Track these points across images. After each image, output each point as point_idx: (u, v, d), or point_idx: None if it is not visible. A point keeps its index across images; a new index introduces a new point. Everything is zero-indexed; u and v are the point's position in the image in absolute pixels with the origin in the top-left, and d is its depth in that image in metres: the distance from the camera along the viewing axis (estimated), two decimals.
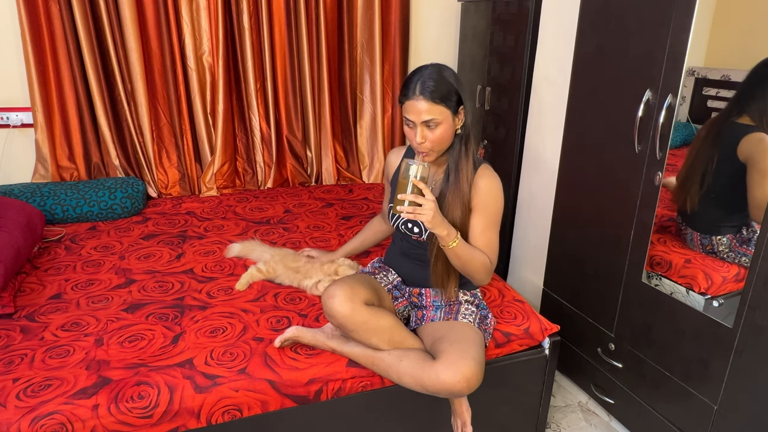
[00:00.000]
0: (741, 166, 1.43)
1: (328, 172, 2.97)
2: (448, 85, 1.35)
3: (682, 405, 1.57)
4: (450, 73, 1.38)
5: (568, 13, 1.87)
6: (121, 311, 1.61)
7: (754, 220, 1.44)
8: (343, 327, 1.38)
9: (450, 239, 1.34)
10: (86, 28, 2.34)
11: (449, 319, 1.47)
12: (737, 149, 1.44)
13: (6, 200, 1.98)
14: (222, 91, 2.62)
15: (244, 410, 1.32)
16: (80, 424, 1.20)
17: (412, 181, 1.28)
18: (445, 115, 1.35)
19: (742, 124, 1.45)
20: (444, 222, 1.33)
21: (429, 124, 1.35)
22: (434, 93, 1.32)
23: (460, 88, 1.38)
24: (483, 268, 1.42)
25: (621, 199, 1.70)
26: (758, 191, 1.41)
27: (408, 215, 1.29)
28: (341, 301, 1.34)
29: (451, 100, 1.35)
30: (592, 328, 1.90)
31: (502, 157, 2.52)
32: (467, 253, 1.39)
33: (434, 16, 2.99)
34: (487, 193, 1.43)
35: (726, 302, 1.46)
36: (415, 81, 1.34)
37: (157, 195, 2.66)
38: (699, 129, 1.55)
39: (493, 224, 1.46)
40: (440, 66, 1.39)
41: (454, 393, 1.30)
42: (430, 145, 1.38)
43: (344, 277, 1.50)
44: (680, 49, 1.44)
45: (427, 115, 1.34)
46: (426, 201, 1.28)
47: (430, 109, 1.33)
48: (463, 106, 1.39)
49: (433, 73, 1.35)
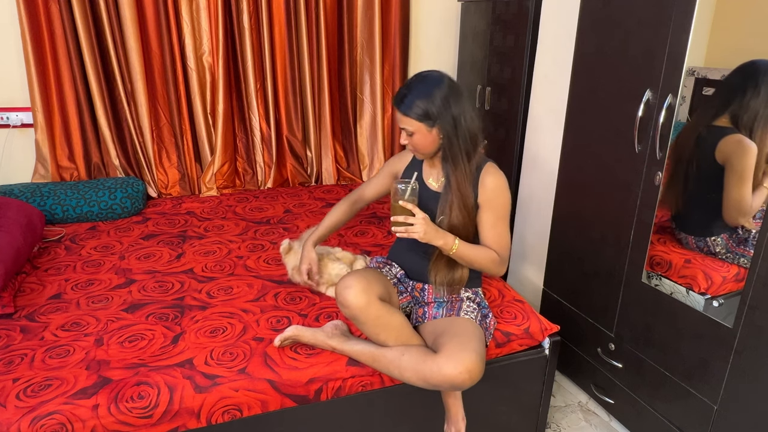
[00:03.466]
0: (720, 169, 1.45)
1: (328, 172, 2.97)
2: (421, 103, 1.38)
3: (682, 405, 1.56)
4: (434, 90, 1.39)
5: (568, 13, 1.87)
6: (121, 311, 1.60)
7: (728, 221, 1.46)
8: (355, 318, 1.38)
9: (448, 247, 1.41)
10: (86, 28, 2.34)
11: (451, 315, 1.48)
12: (715, 151, 1.45)
13: (6, 200, 1.98)
14: (222, 91, 2.62)
15: (244, 410, 1.32)
16: (80, 424, 1.20)
17: (400, 203, 1.36)
18: (416, 127, 1.41)
19: (720, 126, 1.46)
20: (438, 233, 1.39)
21: (405, 130, 1.44)
22: (407, 108, 1.40)
23: (439, 105, 1.38)
24: (491, 264, 1.47)
25: (621, 199, 1.70)
26: (734, 192, 1.43)
27: (402, 235, 1.38)
28: (357, 293, 1.35)
29: (422, 116, 1.39)
30: (592, 328, 1.90)
31: (502, 157, 2.52)
32: (470, 254, 1.44)
33: (434, 16, 2.99)
34: (493, 190, 1.47)
35: (726, 302, 1.46)
36: (401, 90, 1.43)
37: (157, 195, 2.66)
38: (678, 134, 1.55)
39: (502, 219, 1.49)
40: (429, 80, 1.41)
41: (455, 385, 1.30)
42: (412, 148, 1.49)
43: (359, 270, 1.52)
44: (680, 49, 1.44)
45: (401, 124, 1.44)
46: (416, 219, 1.36)
47: (402, 119, 1.43)
48: (439, 121, 1.39)
49: (416, 88, 1.40)
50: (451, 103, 1.40)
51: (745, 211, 1.39)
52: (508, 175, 2.48)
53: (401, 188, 1.38)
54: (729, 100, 1.44)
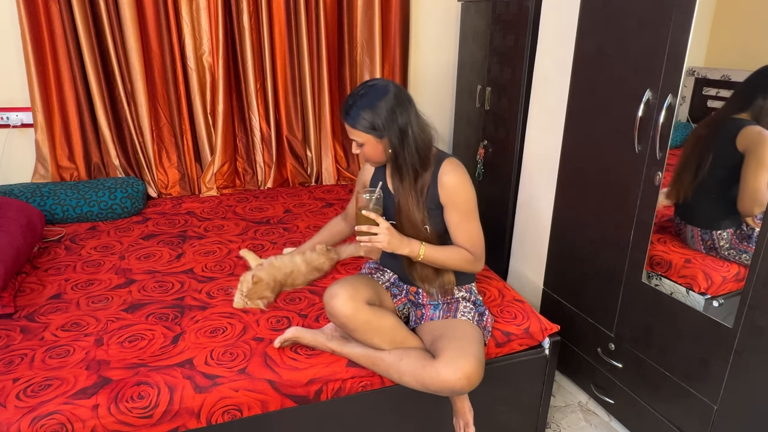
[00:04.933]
0: (739, 158, 1.44)
1: (328, 172, 2.97)
2: (367, 115, 1.36)
3: (682, 405, 1.57)
4: (379, 101, 1.36)
5: (568, 13, 1.87)
6: (121, 311, 1.60)
7: (742, 211, 1.46)
8: (344, 326, 1.38)
9: (415, 254, 1.41)
10: (86, 28, 2.34)
11: (448, 317, 1.48)
12: (736, 140, 1.45)
13: (6, 200, 1.98)
14: (222, 91, 2.62)
15: (244, 410, 1.32)
16: (80, 424, 1.20)
17: (364, 212, 1.36)
18: (365, 139, 1.40)
19: (741, 119, 1.46)
20: (402, 241, 1.39)
21: (356, 141, 1.43)
22: (351, 120, 1.39)
23: (384, 117, 1.36)
24: (465, 263, 1.46)
25: (621, 199, 1.70)
26: (752, 180, 1.43)
27: (366, 245, 1.39)
28: (344, 301, 1.35)
29: (369, 128, 1.38)
30: (592, 328, 1.90)
31: (502, 157, 2.52)
32: (440, 257, 1.44)
33: (434, 16, 2.99)
34: (453, 188, 1.44)
35: (726, 302, 1.46)
36: (347, 101, 1.40)
37: (157, 195, 2.66)
38: (696, 126, 1.55)
39: (468, 216, 1.46)
40: (375, 90, 1.38)
41: (455, 391, 1.30)
42: (364, 157, 1.48)
43: (346, 277, 1.51)
44: (680, 49, 1.44)
45: (351, 136, 1.42)
46: (380, 229, 1.36)
47: (350, 131, 1.41)
48: (385, 132, 1.37)
49: (360, 99, 1.37)
50: (397, 114, 1.37)
51: (761, 201, 1.39)
52: (508, 175, 2.51)
53: (365, 198, 1.38)
54: (749, 99, 1.44)
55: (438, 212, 1.48)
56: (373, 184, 1.57)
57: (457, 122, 3.04)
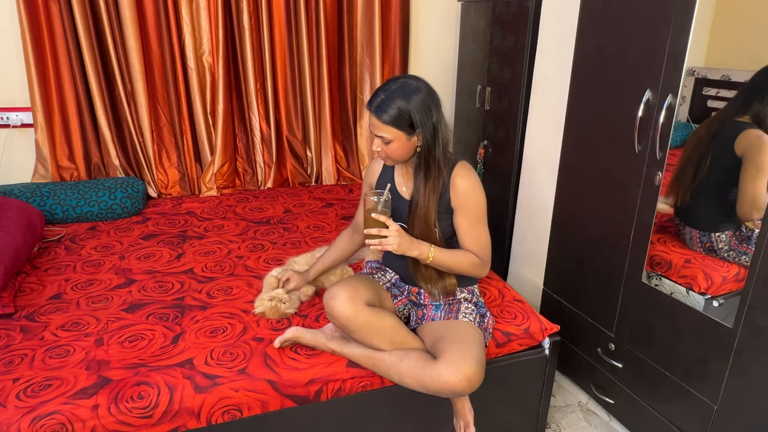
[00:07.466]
0: (737, 161, 1.44)
1: (328, 172, 2.97)
2: (404, 110, 1.33)
3: (682, 405, 1.57)
4: (415, 97, 1.34)
5: (568, 13, 1.87)
6: (121, 311, 1.60)
7: (741, 216, 1.46)
8: (345, 327, 1.38)
9: (424, 257, 1.40)
10: (86, 28, 2.34)
11: (449, 318, 1.48)
12: (734, 144, 1.45)
13: (6, 200, 1.98)
14: (222, 91, 2.62)
15: (244, 410, 1.32)
16: (80, 424, 1.20)
17: (373, 215, 1.34)
18: (396, 135, 1.36)
19: (741, 121, 1.45)
20: (413, 244, 1.38)
21: (382, 138, 1.38)
22: (385, 115, 1.34)
23: (421, 113, 1.34)
24: (472, 267, 1.46)
25: (621, 199, 1.70)
26: (750, 185, 1.43)
27: (376, 248, 1.35)
28: (343, 302, 1.35)
29: (403, 125, 1.35)
30: (592, 328, 1.90)
31: (502, 157, 2.52)
32: (448, 260, 1.43)
33: (434, 16, 2.99)
34: (465, 193, 1.44)
35: (726, 302, 1.46)
36: (377, 96, 1.36)
37: (157, 195, 2.66)
38: (697, 127, 1.55)
39: (478, 221, 1.46)
40: (408, 86, 1.36)
41: (455, 392, 1.30)
42: (385, 155, 1.42)
43: (346, 278, 1.50)
44: (680, 49, 1.44)
45: (379, 132, 1.37)
46: (390, 232, 1.33)
47: (380, 127, 1.36)
48: (420, 129, 1.36)
49: (394, 94, 1.34)
50: (432, 111, 1.37)
51: (760, 206, 1.38)
52: (508, 175, 2.51)
53: (374, 200, 1.36)
54: (751, 100, 1.43)
55: (447, 215, 1.47)
56: (380, 186, 1.57)
57: (457, 122, 3.04)
